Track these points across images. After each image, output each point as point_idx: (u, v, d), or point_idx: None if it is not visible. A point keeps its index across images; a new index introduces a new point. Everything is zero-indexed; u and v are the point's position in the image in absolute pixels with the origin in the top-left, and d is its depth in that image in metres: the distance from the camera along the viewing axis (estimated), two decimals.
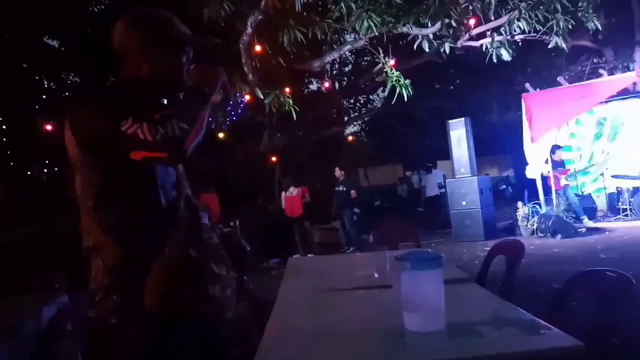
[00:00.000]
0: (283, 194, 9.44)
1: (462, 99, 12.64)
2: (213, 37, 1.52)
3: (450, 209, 8.47)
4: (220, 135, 9.14)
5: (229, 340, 1.53)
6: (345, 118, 13.97)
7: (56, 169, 9.72)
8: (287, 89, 7.16)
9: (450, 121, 8.48)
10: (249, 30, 6.01)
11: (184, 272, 1.25)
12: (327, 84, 8.86)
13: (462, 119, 8.34)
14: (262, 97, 6.89)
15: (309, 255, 8.57)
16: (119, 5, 7.85)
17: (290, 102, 6.99)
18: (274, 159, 11.85)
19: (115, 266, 1.23)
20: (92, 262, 1.27)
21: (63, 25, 7.57)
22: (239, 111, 8.43)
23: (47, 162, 9.54)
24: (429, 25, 6.12)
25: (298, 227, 9.10)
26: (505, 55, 6.04)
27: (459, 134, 8.29)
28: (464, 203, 8.18)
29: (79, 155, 1.26)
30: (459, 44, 6.39)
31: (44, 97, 8.66)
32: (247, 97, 7.48)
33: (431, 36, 6.30)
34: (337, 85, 11.84)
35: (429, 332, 1.32)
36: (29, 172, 9.81)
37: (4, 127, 8.71)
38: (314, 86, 12.53)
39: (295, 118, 7.18)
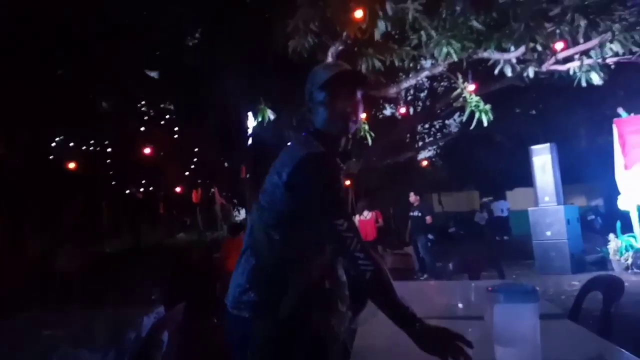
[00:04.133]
0: (357, 217, 9.48)
1: (545, 124, 12.04)
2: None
3: (533, 239, 8.03)
4: None
5: None
6: (420, 143, 13.82)
7: (150, 188, 10.61)
8: (363, 115, 7.27)
9: (533, 147, 8.12)
10: (330, 59, 6.23)
11: (315, 298, 1.41)
12: (402, 110, 8.87)
13: (547, 144, 7.96)
14: None
15: None
16: (211, 40, 8.55)
17: (366, 127, 7.10)
18: (347, 182, 11.98)
19: (262, 267, 1.41)
20: (244, 257, 1.46)
21: (161, 58, 8.40)
22: None
23: (143, 182, 10.43)
24: (512, 49, 5.97)
25: None
26: (596, 79, 5.70)
27: (543, 160, 7.91)
28: (548, 233, 7.73)
29: None
30: (543, 68, 6.14)
31: (145, 122, 9.67)
32: None
33: (514, 60, 6.13)
34: (412, 110, 11.82)
35: None
36: (127, 191, 10.78)
37: (108, 149, 9.71)
38: (388, 111, 12.58)
39: (370, 143, 7.26)
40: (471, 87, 6.36)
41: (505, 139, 12.96)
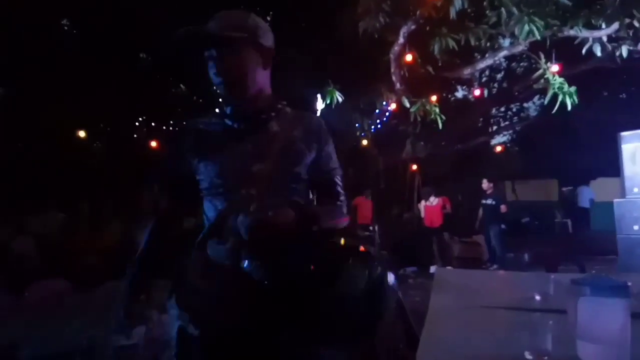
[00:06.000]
0: (423, 202, 9.30)
1: (636, 109, 11.00)
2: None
3: (617, 233, 7.42)
4: (364, 142, 9.37)
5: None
6: (494, 127, 13.18)
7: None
8: (434, 97, 7.05)
9: (623, 133, 7.43)
10: (401, 40, 6.07)
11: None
12: (477, 92, 8.48)
13: (639, 131, 7.26)
14: (408, 105, 6.89)
15: (447, 268, 8.31)
16: (279, 21, 8.67)
17: (437, 110, 6.87)
18: (414, 167, 11.73)
19: None
20: None
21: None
22: (384, 119, 8.55)
23: None
24: (603, 26, 5.47)
25: (437, 238, 8.89)
26: None
27: (633, 148, 7.22)
28: (636, 228, 7.08)
29: None
30: None
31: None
32: (393, 106, 7.54)
33: (605, 39, 5.62)
34: (486, 92, 11.26)
35: None
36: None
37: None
38: (460, 94, 12.08)
39: (440, 127, 7.03)
40: (555, 67, 5.92)
41: (589, 124, 12.04)
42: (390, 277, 1.32)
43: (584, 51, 5.84)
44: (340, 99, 6.90)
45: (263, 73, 1.42)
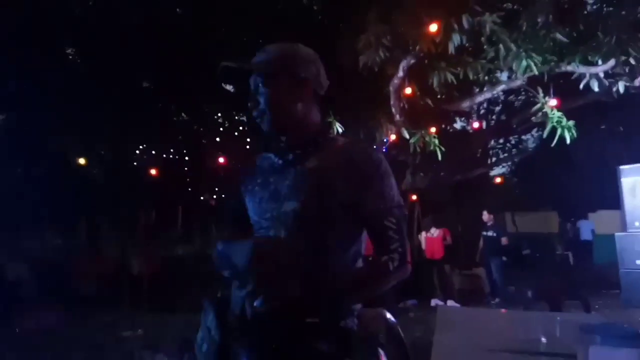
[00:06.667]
0: (423, 234, 9.25)
1: (634, 143, 11.11)
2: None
3: (620, 267, 7.36)
4: None
5: None
6: (493, 159, 13.24)
7: (223, 196, 11.15)
8: (433, 129, 7.10)
9: (622, 167, 7.47)
10: (401, 73, 6.16)
11: None
12: (475, 124, 8.55)
13: (639, 165, 7.29)
14: (407, 136, 6.94)
15: (448, 301, 8.18)
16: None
17: (436, 141, 6.91)
18: (414, 197, 11.71)
19: None
20: None
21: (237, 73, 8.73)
22: (384, 150, 8.58)
23: (216, 189, 10.97)
24: (599, 63, 5.57)
25: (437, 270, 8.80)
26: None
27: (633, 182, 7.24)
28: (638, 262, 7.04)
29: None
30: (636, 82, 5.67)
31: (219, 133, 10.29)
32: (393, 137, 7.59)
33: (602, 74, 5.71)
34: (485, 124, 11.36)
35: None
36: (201, 198, 11.41)
37: (185, 159, 10.36)
38: (458, 125, 12.18)
39: (440, 158, 7.06)
40: (553, 102, 6.00)
41: (587, 157, 12.12)
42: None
43: (581, 86, 5.93)
44: (340, 130, 6.95)
45: (303, 105, 1.35)
